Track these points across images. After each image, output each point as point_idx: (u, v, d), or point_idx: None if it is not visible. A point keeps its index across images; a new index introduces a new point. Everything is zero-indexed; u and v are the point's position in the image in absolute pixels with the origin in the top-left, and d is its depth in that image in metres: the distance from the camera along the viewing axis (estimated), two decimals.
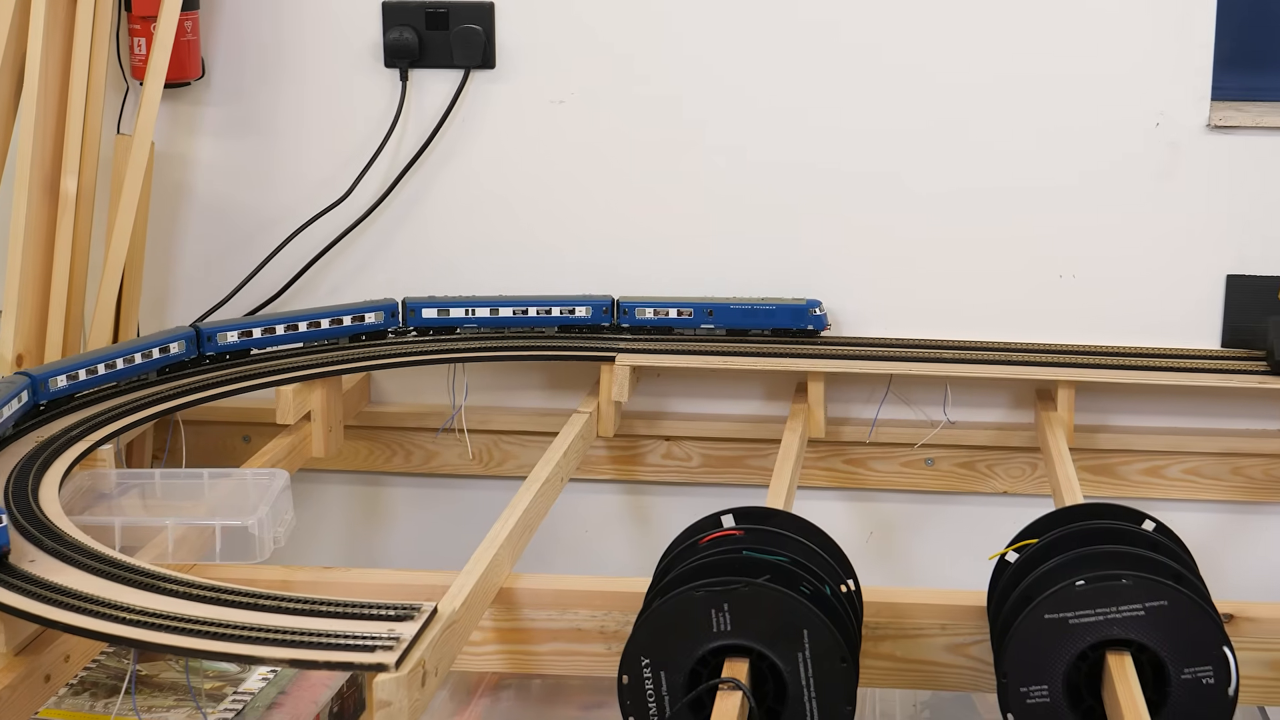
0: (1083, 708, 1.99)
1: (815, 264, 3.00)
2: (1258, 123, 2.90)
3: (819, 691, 1.96)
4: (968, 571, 2.40)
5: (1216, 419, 3.01)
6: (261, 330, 2.85)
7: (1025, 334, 2.99)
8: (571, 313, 2.94)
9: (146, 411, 2.62)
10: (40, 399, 2.56)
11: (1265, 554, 3.04)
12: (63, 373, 2.60)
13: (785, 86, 2.95)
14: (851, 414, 3.04)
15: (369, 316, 2.92)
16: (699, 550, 2.09)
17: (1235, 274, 2.95)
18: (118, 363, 2.68)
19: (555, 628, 2.27)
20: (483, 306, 2.94)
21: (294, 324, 2.88)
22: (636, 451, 3.08)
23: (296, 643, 1.87)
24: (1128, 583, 1.96)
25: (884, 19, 2.91)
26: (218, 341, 2.82)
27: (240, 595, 1.99)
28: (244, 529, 2.32)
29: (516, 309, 2.94)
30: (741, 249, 3.01)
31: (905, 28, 2.92)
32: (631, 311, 2.95)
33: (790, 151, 2.97)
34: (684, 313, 2.95)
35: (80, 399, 2.63)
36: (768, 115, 2.96)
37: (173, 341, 2.77)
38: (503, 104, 3.00)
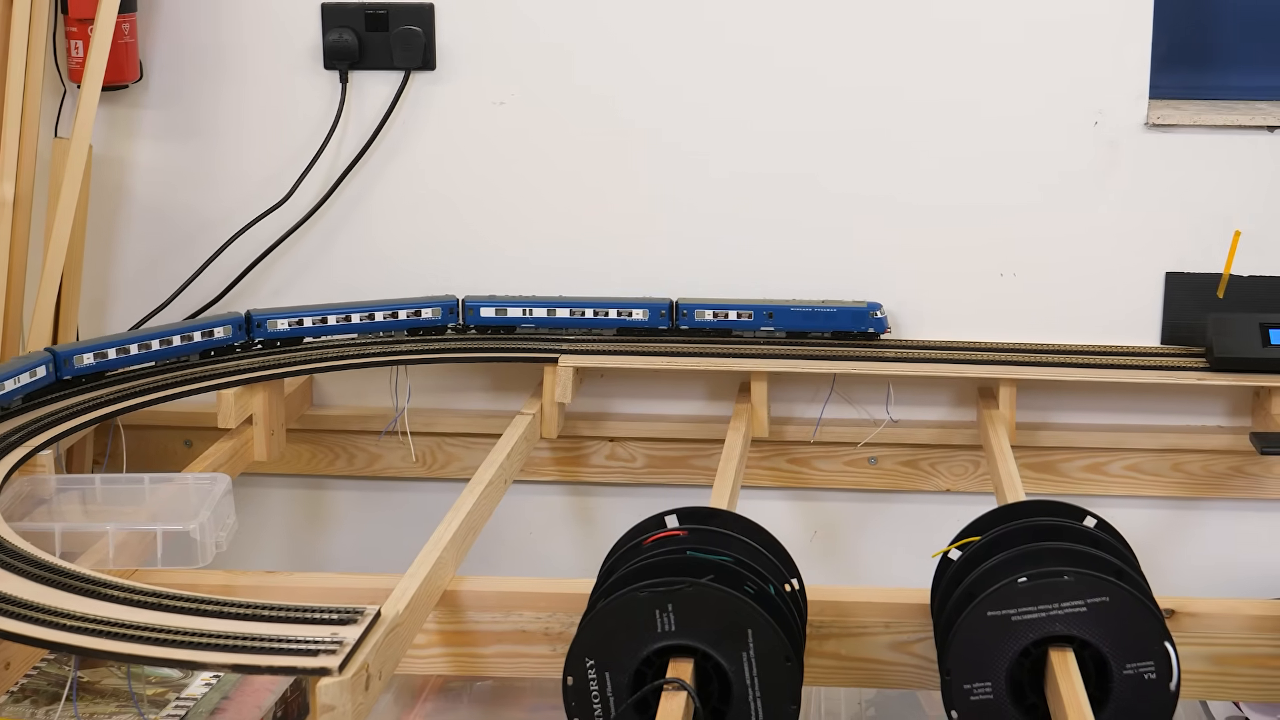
0: (1026, 704, 2.00)
1: (761, 264, 3.00)
2: (1195, 121, 2.92)
3: (764, 691, 1.96)
4: (911, 569, 2.40)
5: (1157, 416, 3.03)
6: (313, 320, 2.91)
7: (968, 333, 3.00)
8: (630, 315, 2.95)
9: (86, 416, 2.60)
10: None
11: (1206, 549, 3.06)
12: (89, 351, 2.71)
13: (721, 89, 2.95)
14: (795, 413, 3.05)
15: (425, 312, 2.94)
16: (643, 551, 2.09)
17: (1174, 271, 2.97)
18: (173, 339, 2.80)
19: (500, 630, 2.27)
20: (541, 306, 2.96)
21: (348, 315, 2.93)
22: (580, 452, 3.08)
23: (239, 647, 1.87)
24: (1069, 579, 1.97)
25: (817, 25, 2.92)
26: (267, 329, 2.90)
27: (182, 600, 1.98)
28: (185, 534, 2.31)
29: (574, 309, 2.95)
30: (687, 249, 3.01)
31: (840, 31, 2.92)
32: (691, 313, 2.95)
33: (733, 153, 2.97)
34: (744, 315, 2.95)
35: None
36: (706, 118, 2.96)
37: (219, 326, 2.85)
38: (444, 105, 2.99)
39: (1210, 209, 2.94)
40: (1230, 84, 3.13)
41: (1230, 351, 2.84)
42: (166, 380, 2.73)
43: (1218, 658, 2.23)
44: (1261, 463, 2.97)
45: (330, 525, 3.18)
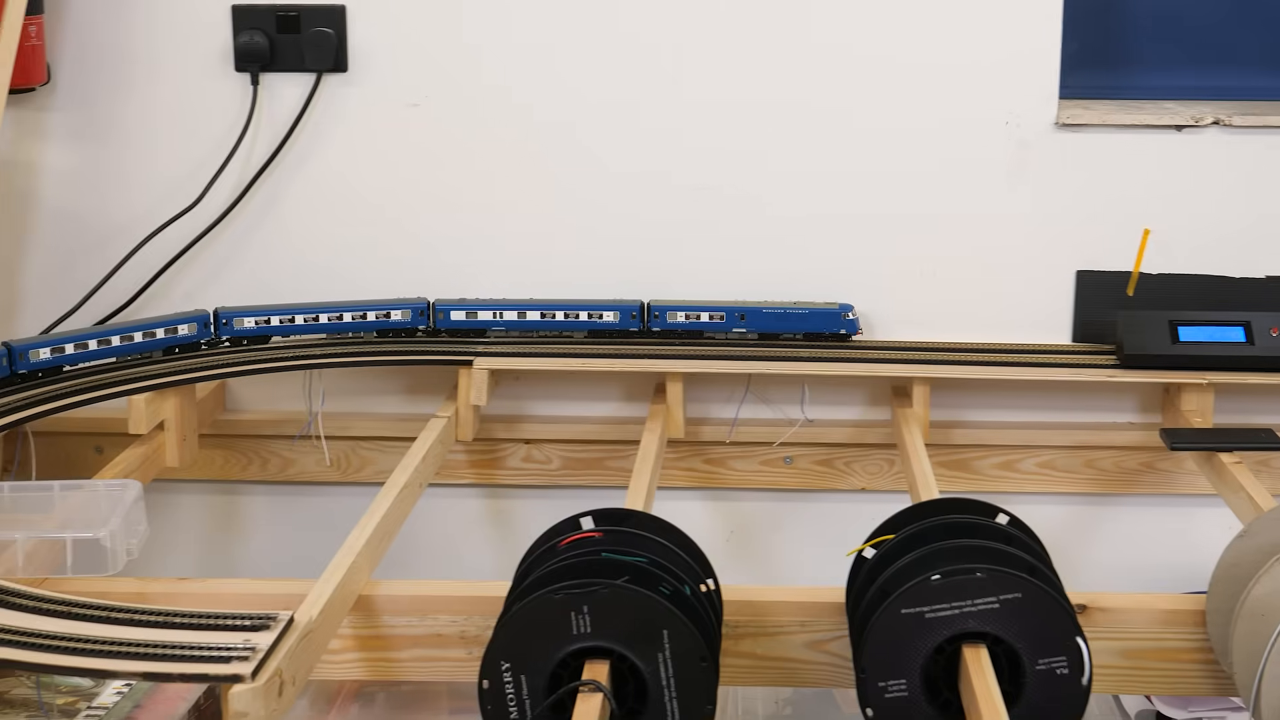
0: (940, 701, 2.01)
1: (673, 268, 3.00)
2: (1104, 121, 2.95)
3: (680, 691, 1.96)
4: (826, 568, 2.41)
5: (1069, 413, 3.06)
6: (280, 319, 2.91)
7: (885, 332, 3.01)
8: (600, 317, 2.94)
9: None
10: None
11: (1117, 544, 3.09)
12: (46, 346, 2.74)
13: (635, 92, 2.95)
14: (711, 414, 3.05)
15: (395, 314, 2.93)
16: (558, 553, 2.09)
17: (1085, 270, 2.99)
18: (134, 336, 2.81)
19: (415, 634, 2.26)
20: (511, 309, 2.95)
21: (316, 315, 2.94)
22: (496, 455, 3.07)
23: (151, 655, 1.85)
24: (982, 576, 1.98)
25: (730, 25, 2.92)
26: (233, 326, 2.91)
27: (93, 608, 1.96)
28: (96, 541, 2.28)
29: (545, 311, 2.95)
30: (598, 249, 3.01)
31: (750, 32, 2.93)
32: (663, 315, 2.94)
33: (644, 157, 2.97)
34: (715, 316, 2.94)
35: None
36: (619, 120, 2.96)
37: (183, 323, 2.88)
38: (356, 107, 2.97)
39: (1120, 208, 2.97)
40: (1139, 84, 3.16)
41: (1140, 349, 2.87)
42: (77, 386, 2.71)
43: (1129, 652, 2.24)
44: (1172, 458, 3.00)
45: (244, 531, 3.16)
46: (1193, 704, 2.66)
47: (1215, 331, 2.87)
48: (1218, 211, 2.96)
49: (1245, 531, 2.20)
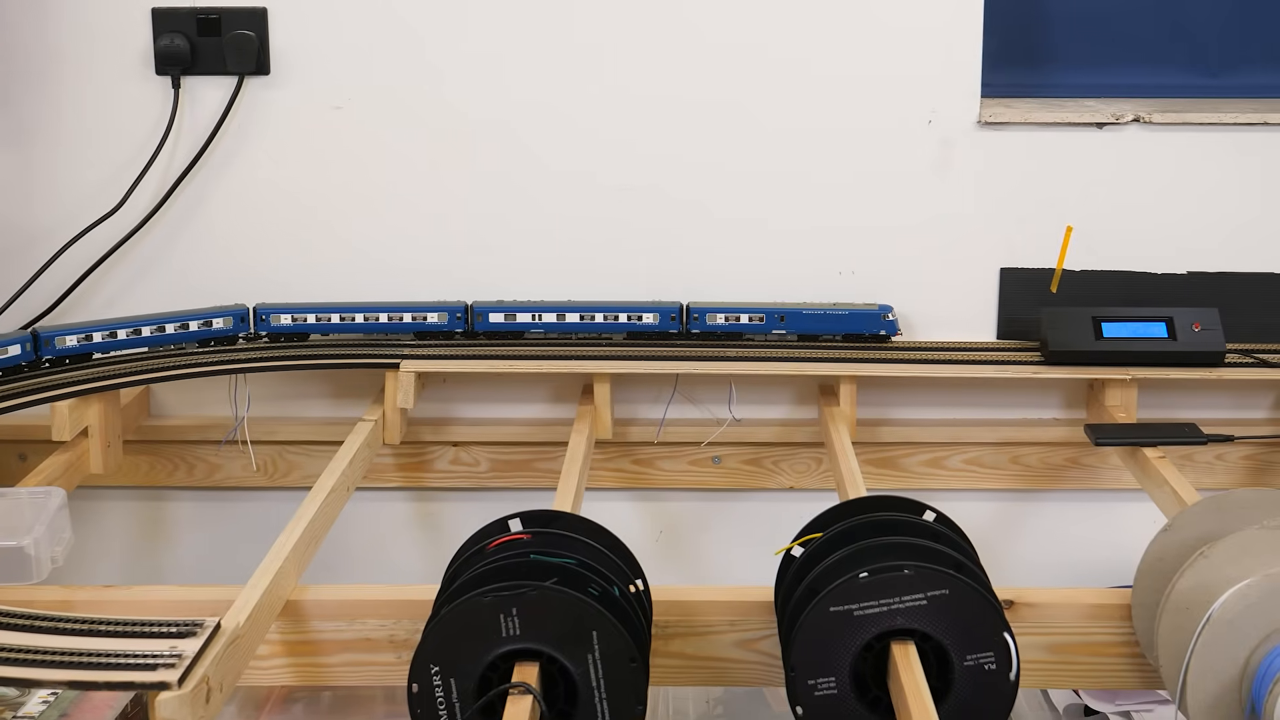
0: (869, 698, 2.01)
1: (606, 269, 3.00)
2: (1026, 119, 2.97)
3: (610, 692, 1.96)
4: (755, 567, 2.41)
5: (995, 410, 3.08)
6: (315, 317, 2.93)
7: None
8: (640, 319, 2.94)
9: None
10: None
11: (1044, 540, 3.11)
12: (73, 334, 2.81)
13: (564, 92, 2.95)
14: (639, 414, 3.06)
15: (431, 316, 2.94)
16: (486, 555, 2.08)
17: (1008, 267, 3.01)
18: (167, 327, 2.86)
19: (344, 638, 2.25)
20: (550, 311, 2.95)
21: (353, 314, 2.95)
22: (424, 458, 3.06)
23: (76, 664, 1.84)
24: (909, 573, 1.99)
25: (650, 20, 2.93)
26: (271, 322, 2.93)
27: (17, 617, 1.94)
28: (19, 549, 2.26)
29: (585, 314, 2.95)
30: (528, 251, 3.00)
31: (671, 27, 2.93)
32: (703, 317, 2.94)
33: (572, 155, 2.97)
34: (755, 318, 2.94)
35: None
36: (545, 120, 2.96)
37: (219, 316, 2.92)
38: (279, 110, 2.96)
39: (1043, 205, 2.99)
40: (1061, 82, 3.19)
41: (1064, 345, 2.89)
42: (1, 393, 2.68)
43: (1056, 647, 2.26)
44: (1097, 454, 3.03)
45: (170, 537, 3.14)
46: (1119, 697, 2.68)
47: (1138, 327, 2.90)
48: (1139, 208, 2.99)
49: (1169, 525, 2.22)
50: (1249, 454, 3.04)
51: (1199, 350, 2.88)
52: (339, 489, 2.54)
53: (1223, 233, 3.00)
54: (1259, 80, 3.19)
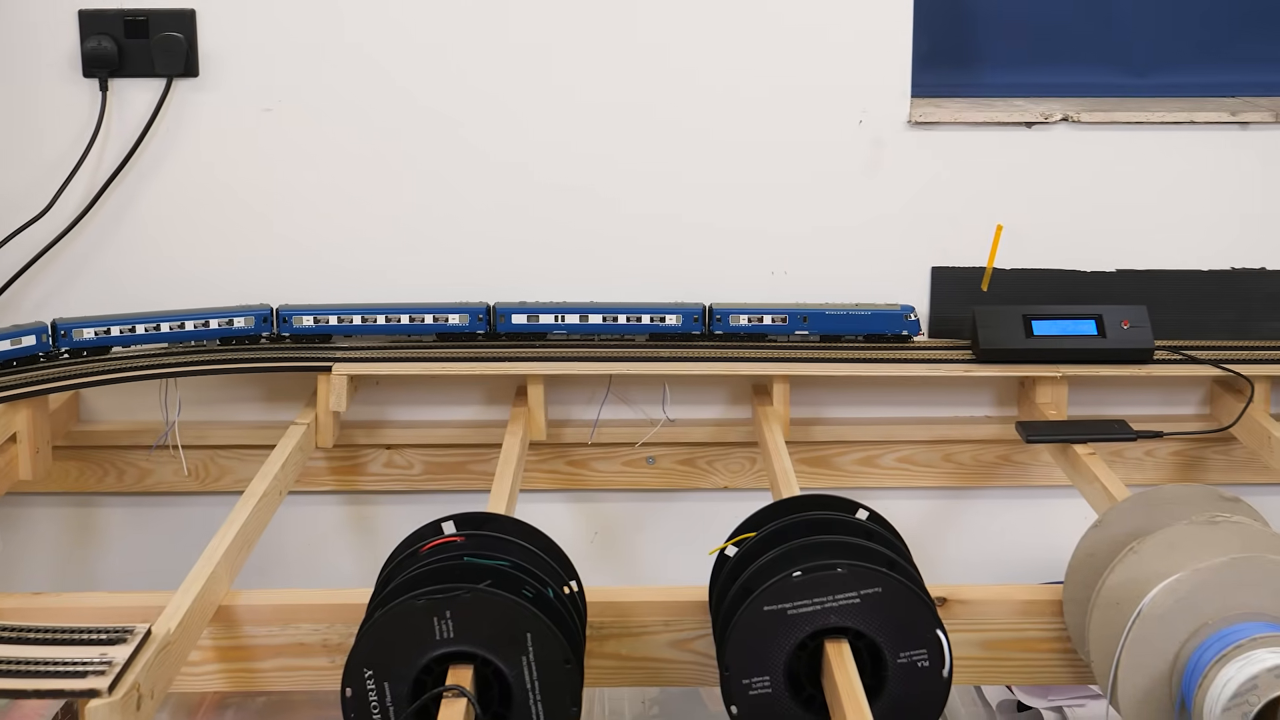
0: (803, 696, 2.02)
1: (535, 270, 3.00)
2: (956, 118, 2.98)
3: (544, 694, 1.96)
4: (690, 567, 2.42)
5: (927, 408, 3.09)
6: (338, 318, 2.94)
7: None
8: (663, 320, 2.95)
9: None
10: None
11: (976, 537, 3.13)
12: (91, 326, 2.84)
13: (493, 92, 2.94)
14: (573, 415, 3.05)
15: (453, 318, 2.93)
16: (420, 558, 2.08)
17: (940, 266, 3.03)
18: (186, 324, 2.89)
19: (277, 643, 2.23)
20: (573, 313, 2.96)
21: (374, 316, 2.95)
22: (357, 461, 3.05)
23: (5, 672, 1.82)
24: (842, 572, 2.00)
25: (593, 19, 2.93)
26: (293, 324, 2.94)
27: None
28: None
29: (607, 315, 2.95)
30: (450, 252, 3.00)
31: (608, 30, 2.93)
32: (725, 318, 2.94)
33: (498, 155, 2.96)
34: (778, 319, 2.95)
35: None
36: (477, 123, 2.95)
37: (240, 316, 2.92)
38: (208, 112, 2.94)
39: (973, 204, 3.01)
40: (990, 82, 3.21)
41: (995, 343, 2.90)
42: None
43: (989, 643, 2.27)
44: (1028, 451, 3.04)
45: (101, 544, 3.11)
46: (1052, 693, 2.69)
47: (1068, 325, 2.92)
48: (1068, 206, 3.01)
49: (1100, 522, 2.23)
50: (1178, 450, 3.06)
51: (1128, 347, 2.90)
52: (271, 493, 2.53)
53: (1150, 231, 3.02)
54: (1186, 79, 3.21)
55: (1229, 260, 3.04)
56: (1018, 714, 2.73)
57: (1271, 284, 3.04)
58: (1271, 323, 3.05)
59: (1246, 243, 3.03)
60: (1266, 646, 1.93)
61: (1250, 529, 2.11)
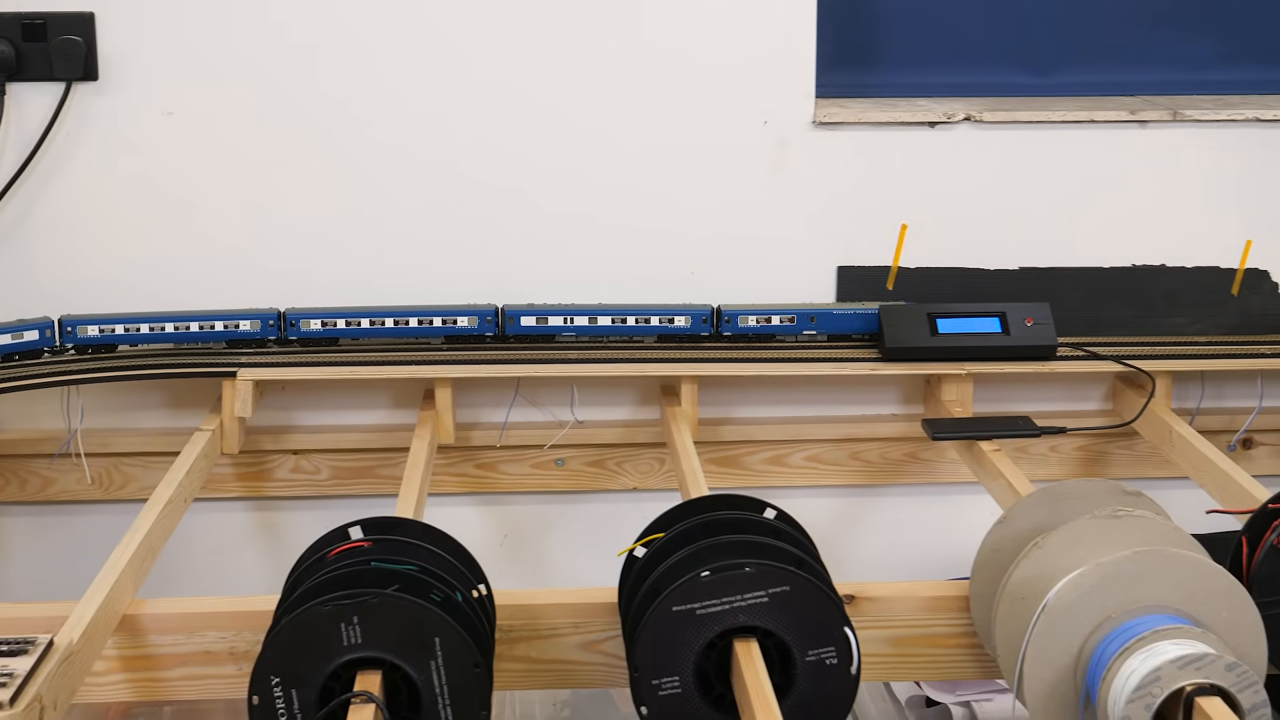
0: (713, 696, 2.03)
1: (446, 271, 2.99)
2: (860, 118, 3.00)
3: (454, 698, 1.95)
4: (600, 569, 2.42)
5: (834, 406, 3.11)
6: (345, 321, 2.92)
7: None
8: (672, 321, 2.96)
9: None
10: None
11: (884, 534, 3.14)
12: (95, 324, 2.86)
13: (398, 93, 2.93)
14: (481, 418, 3.05)
15: (461, 320, 2.92)
16: (327, 564, 2.07)
17: (845, 265, 3.04)
18: (190, 326, 2.89)
19: (183, 652, 2.21)
20: (582, 315, 2.96)
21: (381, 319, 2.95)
22: (264, 467, 3.02)
23: None
24: (751, 571, 2.01)
25: (495, 30, 2.92)
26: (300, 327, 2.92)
27: None
28: None
29: (616, 317, 2.96)
30: (365, 254, 2.98)
31: (518, 40, 2.92)
32: (734, 319, 2.95)
33: (407, 155, 2.95)
34: (786, 319, 2.96)
35: None
36: (375, 123, 2.94)
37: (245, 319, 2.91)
38: (109, 116, 2.90)
39: (876, 203, 3.02)
40: (895, 82, 3.22)
41: (901, 341, 2.92)
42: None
43: (897, 640, 2.29)
44: (934, 448, 3.07)
45: (2, 554, 3.07)
46: (960, 688, 2.71)
47: (972, 323, 2.94)
48: (971, 205, 3.03)
49: (1005, 517, 2.25)
50: (1081, 445, 3.09)
51: (1031, 344, 2.93)
52: (176, 500, 2.51)
53: (1052, 228, 3.05)
54: (1087, 79, 3.25)
55: (1130, 258, 3.07)
56: (926, 710, 2.75)
57: (1171, 280, 3.08)
58: (1171, 319, 3.09)
59: (1146, 240, 3.07)
60: (1169, 639, 1.95)
61: (1152, 523, 2.14)
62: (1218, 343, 3.05)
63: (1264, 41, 3.26)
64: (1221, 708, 1.87)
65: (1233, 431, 3.11)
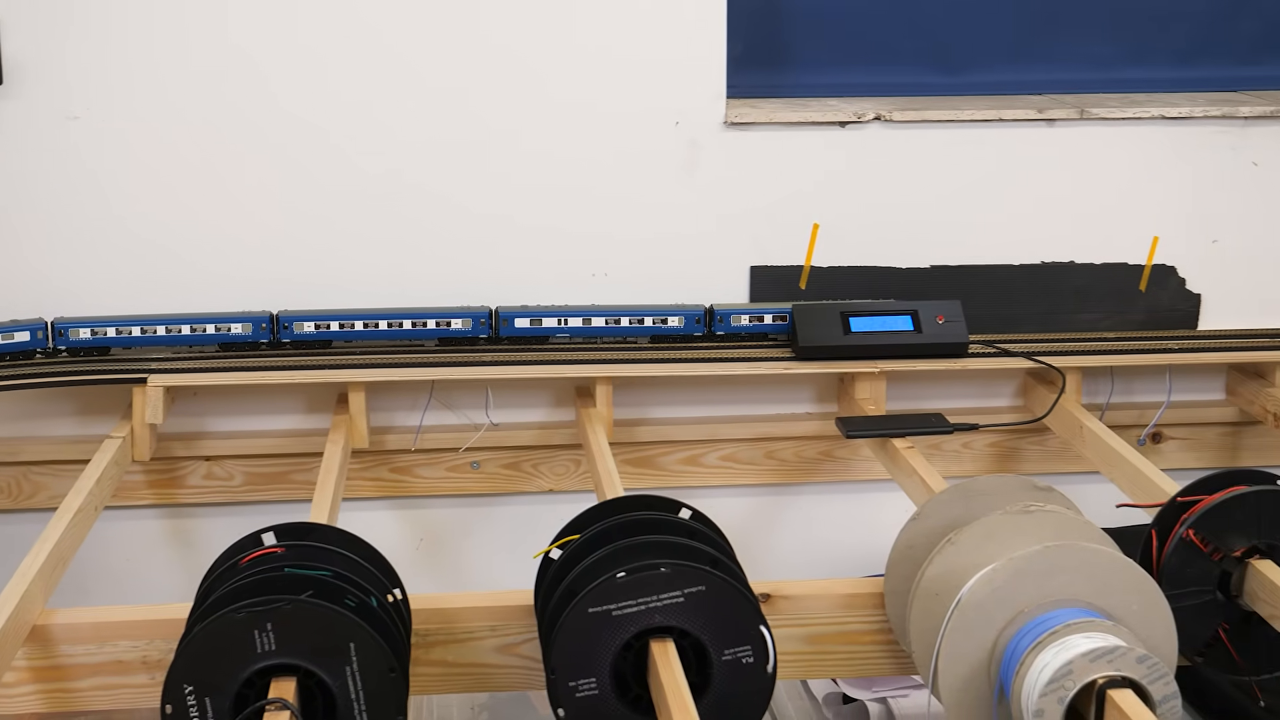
0: (630, 697, 2.03)
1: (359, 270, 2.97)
2: (771, 119, 3.01)
3: (369, 704, 1.94)
4: (516, 571, 2.41)
5: (749, 406, 3.11)
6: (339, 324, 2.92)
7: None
8: (665, 322, 2.97)
9: None
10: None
11: (799, 533, 3.16)
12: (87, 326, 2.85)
13: (300, 94, 2.91)
14: (396, 422, 3.03)
15: (455, 323, 2.93)
16: (240, 571, 2.05)
17: (758, 265, 3.05)
18: (182, 329, 2.88)
19: (95, 662, 2.19)
20: (576, 316, 2.97)
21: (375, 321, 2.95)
22: (176, 474, 3.00)
23: None
24: (666, 571, 2.01)
25: (408, 30, 2.91)
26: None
27: None
28: None
29: (610, 318, 2.97)
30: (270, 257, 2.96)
31: (432, 42, 2.91)
32: (727, 319, 2.97)
33: (311, 160, 2.93)
34: (779, 319, 2.98)
35: None
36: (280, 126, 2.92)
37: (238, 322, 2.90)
38: (12, 120, 2.87)
39: (790, 203, 3.03)
40: (806, 82, 3.24)
41: (814, 340, 2.93)
42: None
43: (812, 638, 2.29)
44: (849, 446, 3.08)
45: None
46: (876, 684, 2.73)
47: (884, 321, 2.95)
48: (882, 204, 3.05)
49: (918, 514, 2.26)
50: (993, 441, 3.12)
51: (943, 342, 2.95)
52: (87, 509, 2.48)
53: (963, 227, 3.07)
54: (996, 78, 3.27)
55: (1039, 255, 3.10)
56: (843, 706, 2.76)
57: (1080, 277, 3.11)
58: (1081, 315, 3.12)
59: (1055, 237, 3.10)
60: (1081, 632, 1.97)
61: (1063, 517, 2.15)
62: (1127, 338, 3.09)
63: (1169, 40, 3.30)
64: (1133, 700, 1.89)
65: (1142, 426, 3.15)
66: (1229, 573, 2.23)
